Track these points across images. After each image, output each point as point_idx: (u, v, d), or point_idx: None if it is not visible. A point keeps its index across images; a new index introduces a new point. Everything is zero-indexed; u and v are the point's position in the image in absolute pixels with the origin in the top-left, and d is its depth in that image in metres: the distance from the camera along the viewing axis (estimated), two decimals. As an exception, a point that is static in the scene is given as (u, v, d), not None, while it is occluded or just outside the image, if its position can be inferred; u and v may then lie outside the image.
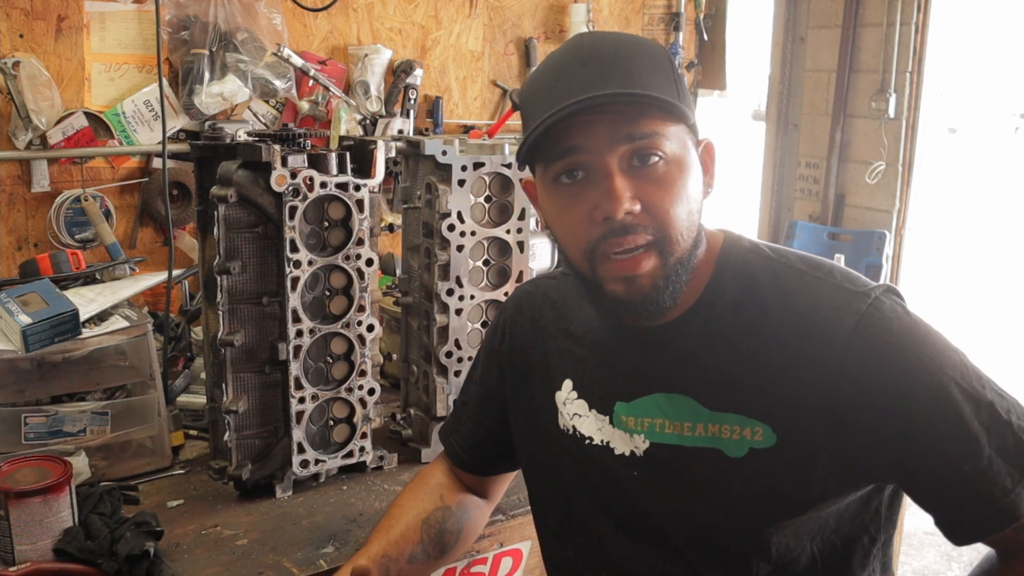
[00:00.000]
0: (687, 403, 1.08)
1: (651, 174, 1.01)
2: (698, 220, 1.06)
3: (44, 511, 1.31)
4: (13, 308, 1.59)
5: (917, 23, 3.58)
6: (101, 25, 2.50)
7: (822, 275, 1.06)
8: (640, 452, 1.12)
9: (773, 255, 1.11)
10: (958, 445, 0.97)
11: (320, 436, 1.64)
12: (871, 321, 1.01)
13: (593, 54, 1.02)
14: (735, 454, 1.05)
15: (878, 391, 0.99)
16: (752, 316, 1.06)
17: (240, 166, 1.50)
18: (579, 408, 1.19)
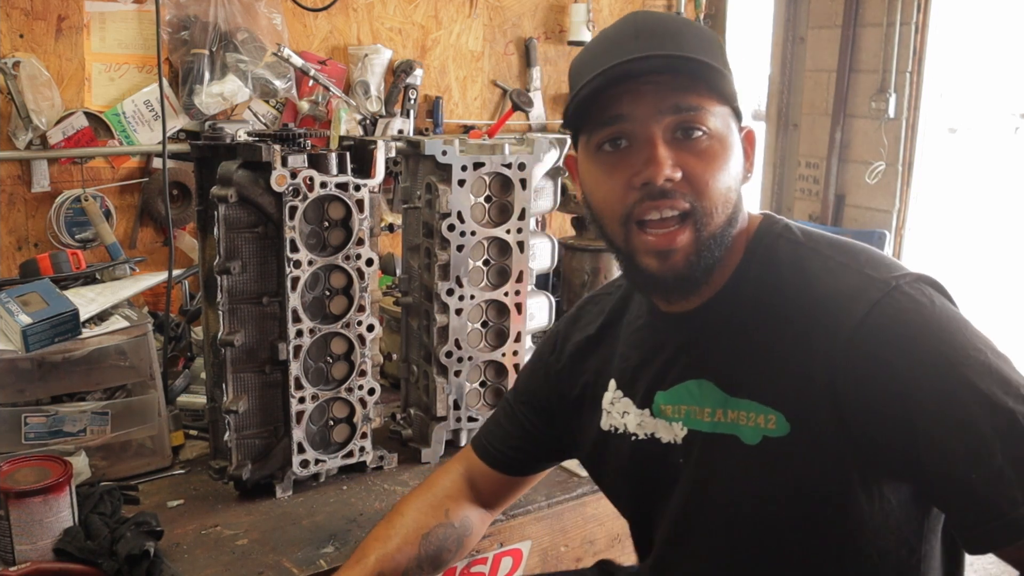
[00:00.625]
0: (711, 389, 1.09)
1: (694, 147, 1.03)
2: (735, 199, 1.06)
3: (44, 511, 1.31)
4: (13, 308, 1.59)
5: (917, 23, 3.58)
6: (101, 25, 2.50)
7: (845, 260, 1.04)
8: (679, 440, 1.13)
9: (802, 239, 1.09)
10: (964, 449, 0.93)
11: (320, 436, 1.64)
12: (883, 310, 0.97)
13: (645, 28, 1.04)
14: (750, 441, 1.04)
15: (879, 384, 0.96)
16: (771, 302, 1.05)
17: (240, 166, 1.50)
18: (626, 406, 1.20)
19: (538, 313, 1.84)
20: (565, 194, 2.03)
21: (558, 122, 3.44)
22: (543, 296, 1.85)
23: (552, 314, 1.87)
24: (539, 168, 1.75)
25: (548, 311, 1.86)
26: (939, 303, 0.99)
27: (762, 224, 1.12)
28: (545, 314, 1.86)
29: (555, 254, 1.86)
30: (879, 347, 0.97)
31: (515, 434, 1.37)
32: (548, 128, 3.41)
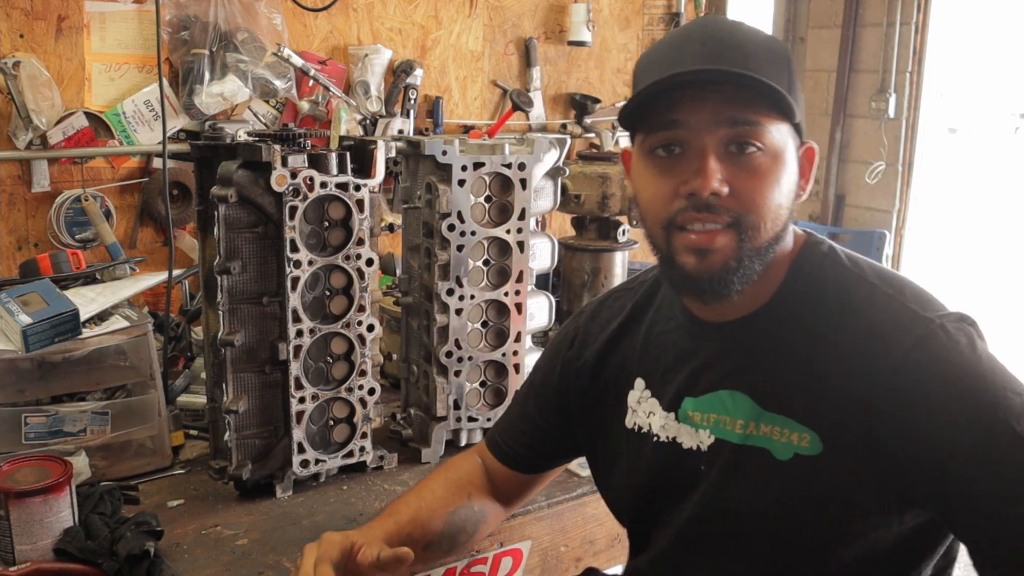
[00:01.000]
0: (744, 401, 1.09)
1: (746, 163, 1.03)
2: (785, 217, 1.06)
3: (44, 511, 1.31)
4: (13, 308, 1.59)
5: (917, 23, 3.58)
6: (101, 25, 2.50)
7: (892, 292, 1.05)
8: (704, 447, 1.13)
9: (848, 264, 1.10)
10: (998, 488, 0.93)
11: (320, 436, 1.64)
12: (928, 345, 0.98)
13: (713, 35, 1.04)
14: (781, 457, 1.05)
15: (919, 418, 0.96)
16: (814, 322, 1.06)
17: (240, 166, 1.50)
18: (652, 407, 1.20)
19: (538, 313, 1.84)
20: (565, 194, 2.03)
21: (558, 122, 3.44)
22: (543, 296, 1.85)
23: (552, 314, 1.87)
24: (539, 168, 1.75)
25: (548, 311, 1.86)
26: (979, 345, 1.00)
27: (807, 243, 1.13)
28: (545, 314, 1.86)
29: (555, 254, 1.86)
30: (920, 382, 0.97)
31: (528, 432, 1.38)
32: (548, 128, 3.41)
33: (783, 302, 1.09)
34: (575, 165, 2.11)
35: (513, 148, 1.72)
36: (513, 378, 1.78)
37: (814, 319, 1.06)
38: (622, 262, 2.17)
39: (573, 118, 3.46)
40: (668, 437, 1.17)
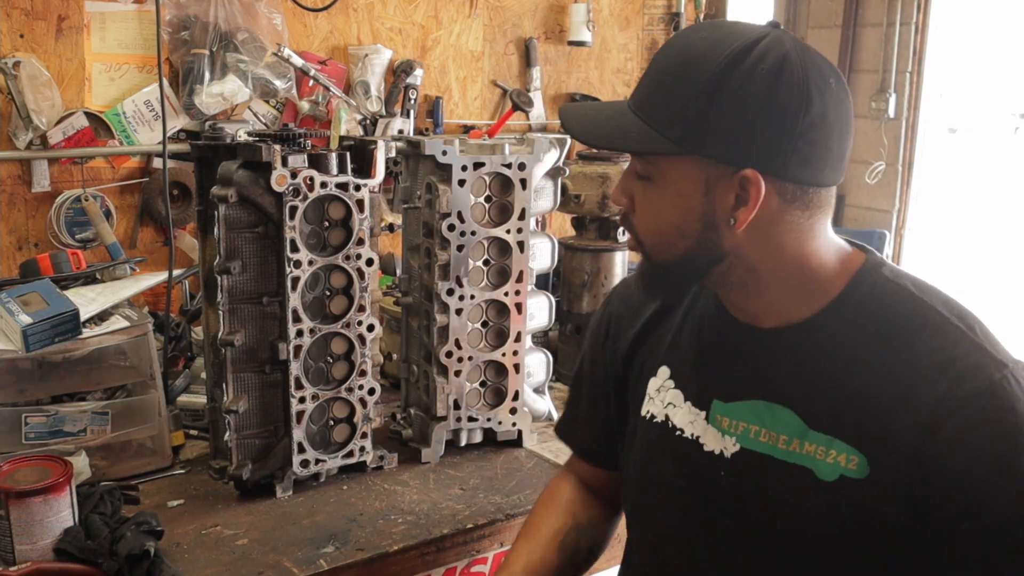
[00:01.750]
0: (788, 416, 1.07)
1: (644, 187, 1.08)
2: (687, 244, 1.06)
3: (44, 511, 1.31)
4: (13, 308, 1.59)
5: (917, 23, 3.58)
6: (101, 25, 2.50)
7: (964, 327, 1.02)
8: (728, 454, 1.11)
9: (916, 291, 1.06)
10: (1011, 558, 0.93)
11: (320, 436, 1.64)
12: (999, 391, 0.96)
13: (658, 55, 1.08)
14: (826, 477, 1.03)
15: (968, 464, 0.95)
16: (877, 344, 1.03)
17: (240, 166, 1.50)
18: (674, 398, 1.19)
19: (538, 313, 1.84)
20: (565, 194, 2.03)
21: (558, 122, 3.44)
22: (543, 296, 1.85)
23: (552, 314, 1.87)
24: (539, 168, 1.75)
25: (548, 311, 1.86)
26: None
27: (868, 262, 1.10)
28: (545, 314, 1.86)
29: (555, 254, 1.86)
30: (984, 426, 0.95)
31: (597, 424, 1.38)
32: (548, 128, 3.41)
33: (838, 317, 1.06)
34: (575, 165, 2.11)
35: (513, 148, 1.72)
36: (513, 378, 1.78)
37: (872, 340, 1.03)
38: (622, 262, 2.17)
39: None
40: (693, 435, 1.15)
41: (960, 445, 0.95)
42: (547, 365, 1.89)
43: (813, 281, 1.07)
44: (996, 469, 0.94)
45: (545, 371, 1.89)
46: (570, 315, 2.18)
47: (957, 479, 0.95)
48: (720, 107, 0.99)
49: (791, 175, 1.01)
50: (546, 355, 1.89)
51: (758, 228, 1.03)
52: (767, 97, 0.98)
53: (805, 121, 1.00)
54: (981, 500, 0.94)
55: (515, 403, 1.79)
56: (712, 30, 1.05)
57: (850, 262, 1.09)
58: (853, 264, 1.09)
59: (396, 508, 1.57)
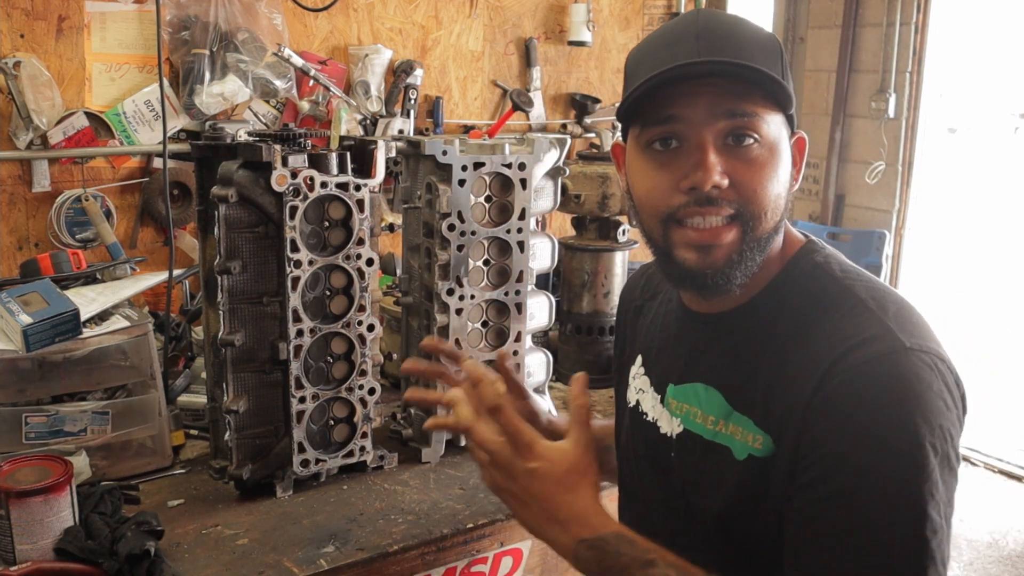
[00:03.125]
0: (717, 398, 1.10)
1: (744, 154, 1.03)
2: (783, 206, 1.06)
3: (45, 510, 1.31)
4: (14, 308, 1.60)
5: (917, 23, 3.59)
6: (102, 25, 2.50)
7: (875, 307, 1.01)
8: (674, 435, 1.16)
9: (839, 275, 1.07)
10: (856, 515, 0.92)
11: (320, 436, 1.64)
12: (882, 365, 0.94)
13: (707, 28, 1.03)
14: (739, 456, 1.06)
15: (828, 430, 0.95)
16: (791, 327, 1.05)
17: (241, 166, 1.50)
18: (643, 384, 1.23)
19: (538, 313, 1.84)
20: (565, 194, 2.03)
21: (558, 122, 3.44)
22: (543, 296, 1.85)
23: (552, 314, 1.87)
24: (539, 168, 1.75)
25: (548, 311, 1.86)
26: (936, 387, 0.94)
27: (803, 248, 1.11)
28: (545, 314, 1.86)
29: (555, 254, 1.86)
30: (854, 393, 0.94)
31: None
32: (548, 128, 3.41)
33: (765, 303, 1.09)
34: (575, 165, 2.11)
35: (513, 148, 1.72)
36: (513, 378, 1.78)
37: (791, 323, 1.05)
38: (622, 262, 2.17)
39: (573, 118, 3.46)
40: (653, 418, 1.21)
41: (827, 411, 0.95)
42: (547, 365, 1.89)
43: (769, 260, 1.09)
44: (849, 437, 0.93)
45: (545, 371, 1.89)
46: (570, 315, 2.18)
47: (817, 444, 0.96)
48: (789, 75, 1.07)
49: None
50: (546, 355, 1.89)
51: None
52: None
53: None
54: (829, 468, 0.94)
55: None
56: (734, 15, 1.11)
57: (791, 246, 1.12)
58: (792, 248, 1.12)
59: (396, 508, 1.58)
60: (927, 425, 0.92)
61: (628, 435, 1.28)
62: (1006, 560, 3.28)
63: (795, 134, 1.10)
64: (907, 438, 0.92)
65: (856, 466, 0.93)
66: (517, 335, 1.77)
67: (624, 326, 1.37)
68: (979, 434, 4.00)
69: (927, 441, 0.92)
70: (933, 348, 0.97)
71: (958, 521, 3.60)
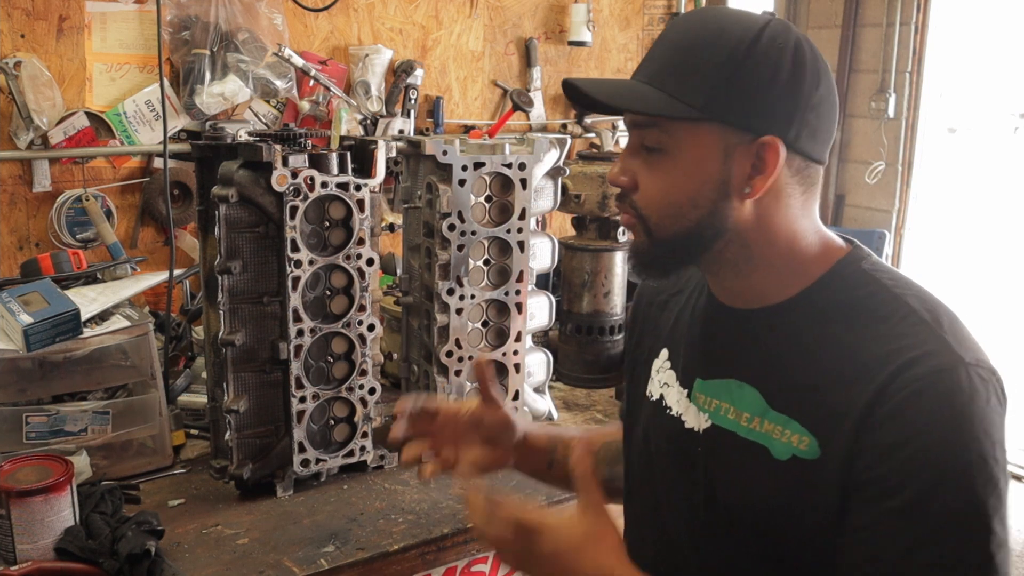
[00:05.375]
0: (752, 395, 1.10)
1: (651, 160, 1.07)
2: (697, 215, 1.06)
3: (45, 510, 1.31)
4: (15, 308, 1.60)
5: (917, 23, 3.59)
6: (102, 25, 2.50)
7: (929, 319, 1.01)
8: (701, 430, 1.15)
9: (889, 283, 1.07)
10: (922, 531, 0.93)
11: (321, 435, 1.64)
12: (944, 380, 0.95)
13: (667, 33, 1.09)
14: (780, 456, 1.05)
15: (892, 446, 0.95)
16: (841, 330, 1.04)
17: (241, 166, 1.50)
18: (668, 378, 1.23)
19: (538, 313, 1.84)
20: (565, 194, 2.03)
21: (558, 122, 3.44)
22: (543, 296, 1.86)
23: (552, 313, 1.87)
24: (539, 168, 1.75)
25: (548, 310, 1.87)
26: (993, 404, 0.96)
27: (850, 254, 1.11)
28: (545, 313, 1.86)
29: (555, 254, 1.86)
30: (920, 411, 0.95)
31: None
32: (548, 128, 3.41)
33: (808, 304, 1.09)
34: (575, 165, 2.11)
35: (513, 148, 1.72)
36: (513, 378, 1.78)
37: (839, 327, 1.05)
38: (622, 262, 2.17)
39: (573, 118, 3.46)
40: (677, 413, 1.19)
41: (889, 425, 0.96)
42: (547, 365, 1.89)
43: (797, 263, 1.09)
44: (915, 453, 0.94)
45: (545, 371, 1.89)
46: (570, 315, 2.18)
47: (879, 459, 0.96)
48: (748, 75, 1.03)
49: (801, 147, 1.06)
50: (546, 355, 1.89)
51: (761, 201, 1.07)
52: (791, 68, 1.03)
53: (816, 95, 1.04)
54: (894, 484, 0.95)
55: (515, 403, 1.80)
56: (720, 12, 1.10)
57: (834, 251, 1.12)
58: (836, 253, 1.11)
59: (396, 507, 1.58)
60: (988, 439, 0.94)
61: (646, 430, 1.27)
62: (1006, 560, 3.27)
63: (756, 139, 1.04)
64: (972, 453, 0.93)
65: (922, 482, 0.93)
66: (517, 335, 1.77)
67: (643, 320, 1.36)
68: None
69: (990, 455, 0.93)
70: (987, 362, 0.99)
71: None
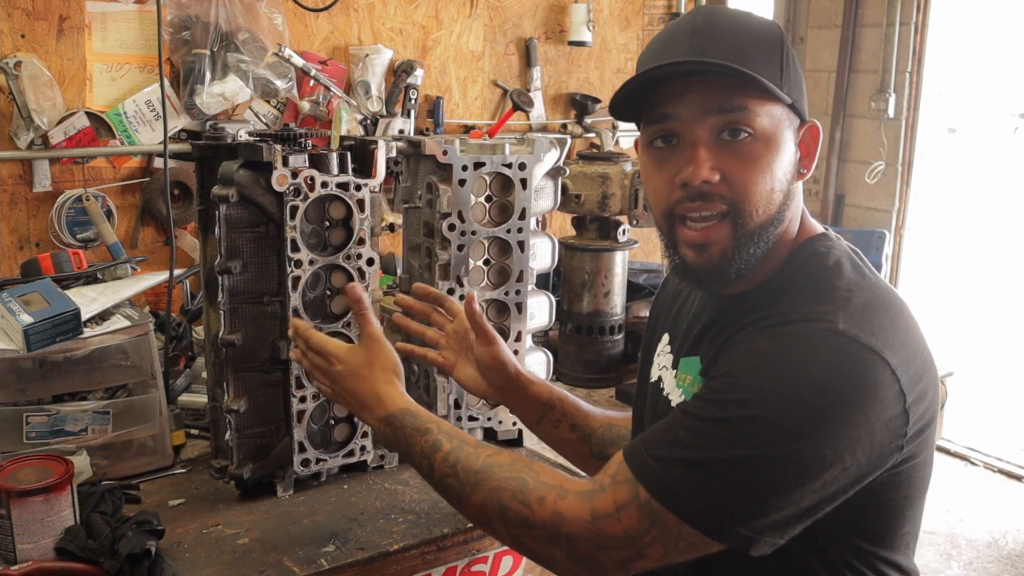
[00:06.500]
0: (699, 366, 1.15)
1: (738, 148, 1.04)
2: (780, 199, 1.07)
3: (46, 510, 1.31)
4: (15, 307, 1.60)
5: (917, 23, 3.59)
6: (103, 25, 2.51)
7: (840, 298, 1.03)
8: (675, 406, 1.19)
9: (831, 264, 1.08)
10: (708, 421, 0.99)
11: (321, 435, 1.64)
12: (794, 329, 1.00)
13: (703, 25, 1.06)
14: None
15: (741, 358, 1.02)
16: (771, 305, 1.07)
17: (241, 166, 1.50)
18: (667, 361, 1.26)
19: (538, 312, 1.84)
20: (565, 194, 2.03)
21: (559, 122, 3.44)
22: (543, 296, 1.86)
23: (552, 313, 1.87)
24: (539, 168, 1.75)
25: (548, 310, 1.87)
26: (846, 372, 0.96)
27: (812, 238, 1.13)
28: (545, 313, 1.86)
29: (555, 254, 1.86)
30: (765, 342, 1.01)
31: None
32: (548, 128, 3.41)
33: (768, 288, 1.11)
34: (575, 165, 2.11)
35: (513, 148, 1.72)
36: (513, 377, 1.78)
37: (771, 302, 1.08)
38: (622, 262, 2.17)
39: (573, 118, 3.46)
40: (667, 392, 1.23)
41: (744, 345, 1.02)
42: (547, 365, 1.89)
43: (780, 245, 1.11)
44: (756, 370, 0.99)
45: (545, 371, 1.89)
46: (570, 315, 2.18)
47: (724, 366, 1.02)
48: (791, 63, 1.08)
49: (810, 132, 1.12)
50: (546, 355, 1.89)
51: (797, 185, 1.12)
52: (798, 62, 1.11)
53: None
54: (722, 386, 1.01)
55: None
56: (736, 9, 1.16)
57: (804, 235, 1.14)
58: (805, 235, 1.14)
59: (397, 507, 1.58)
60: (825, 401, 0.95)
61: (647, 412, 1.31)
62: (1006, 559, 3.28)
63: (805, 123, 1.11)
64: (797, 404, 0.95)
65: (735, 400, 0.98)
66: (517, 335, 1.77)
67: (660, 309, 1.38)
68: (979, 434, 4.00)
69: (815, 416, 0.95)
70: (873, 344, 0.98)
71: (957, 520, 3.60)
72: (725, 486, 0.96)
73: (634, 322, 2.35)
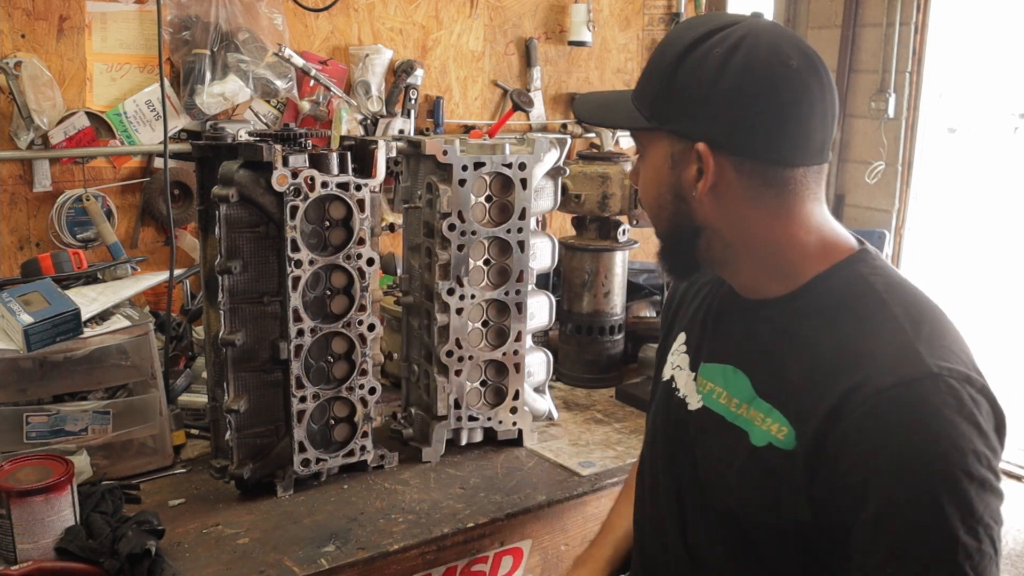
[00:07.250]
0: (744, 382, 1.13)
1: (637, 164, 1.21)
2: (667, 214, 1.16)
3: (46, 510, 1.31)
4: (15, 307, 1.60)
5: (917, 23, 3.59)
6: (103, 25, 2.51)
7: (908, 327, 1.02)
8: (695, 411, 1.20)
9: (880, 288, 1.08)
10: (891, 548, 0.94)
11: (321, 435, 1.64)
12: (909, 391, 0.96)
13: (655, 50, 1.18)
14: (757, 442, 1.08)
15: (862, 459, 0.97)
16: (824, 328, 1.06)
17: (241, 166, 1.50)
18: (682, 361, 1.27)
19: (538, 312, 1.84)
20: (565, 194, 2.03)
21: (558, 122, 3.44)
22: (543, 295, 1.86)
23: (552, 313, 1.88)
24: (539, 168, 1.75)
25: (548, 310, 1.87)
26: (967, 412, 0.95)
27: (853, 256, 1.12)
28: (545, 313, 1.86)
29: (555, 254, 1.86)
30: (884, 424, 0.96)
31: None
32: (548, 128, 3.41)
33: (801, 301, 1.11)
34: (575, 165, 2.11)
35: (513, 148, 1.72)
36: (513, 377, 1.78)
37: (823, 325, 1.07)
38: (622, 262, 2.17)
39: (573, 118, 3.46)
40: (684, 395, 1.24)
41: (855, 439, 0.97)
42: (547, 364, 1.89)
43: (787, 263, 1.12)
44: (878, 467, 0.95)
45: (545, 370, 1.89)
46: (570, 315, 2.18)
47: (847, 471, 0.98)
48: (678, 85, 1.08)
49: (746, 151, 1.07)
50: (546, 354, 1.89)
51: (724, 203, 1.10)
52: (716, 76, 1.05)
53: (757, 100, 1.05)
54: (860, 496, 0.96)
55: (515, 402, 1.80)
56: (697, 20, 1.15)
57: (836, 252, 1.12)
58: (838, 254, 1.12)
59: (397, 507, 1.58)
60: (957, 451, 0.93)
61: (656, 410, 1.32)
62: (1006, 560, 3.28)
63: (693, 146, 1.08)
64: (936, 467, 0.93)
65: (887, 495, 0.95)
66: (517, 335, 1.77)
67: (675, 307, 1.40)
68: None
69: (958, 468, 0.93)
70: (962, 371, 0.98)
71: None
72: None
73: (634, 322, 2.35)
